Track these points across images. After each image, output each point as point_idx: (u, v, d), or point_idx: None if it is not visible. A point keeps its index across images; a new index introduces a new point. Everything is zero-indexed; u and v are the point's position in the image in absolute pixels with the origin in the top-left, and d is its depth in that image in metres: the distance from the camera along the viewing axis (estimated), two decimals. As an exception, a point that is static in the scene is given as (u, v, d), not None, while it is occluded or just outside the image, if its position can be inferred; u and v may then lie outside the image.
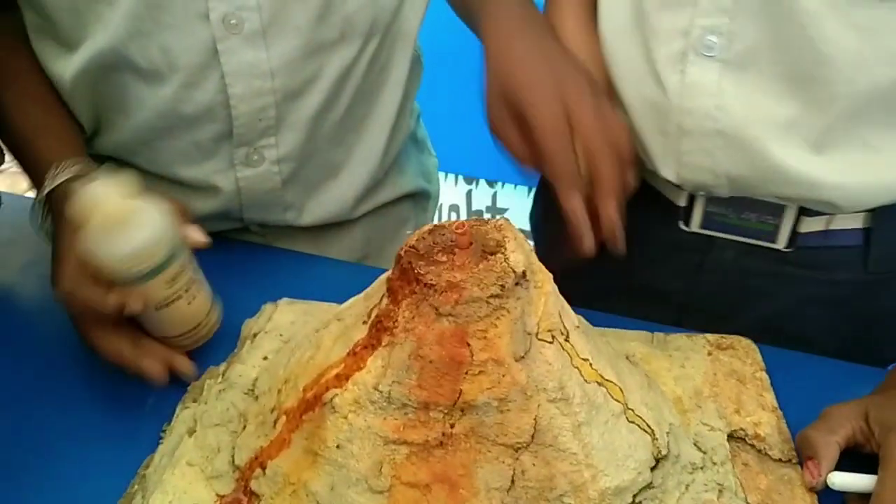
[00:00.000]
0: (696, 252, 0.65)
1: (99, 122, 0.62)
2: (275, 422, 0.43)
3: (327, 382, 0.41)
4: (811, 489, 0.45)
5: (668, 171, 0.60)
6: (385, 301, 0.40)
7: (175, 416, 0.49)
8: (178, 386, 0.51)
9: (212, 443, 0.46)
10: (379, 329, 0.40)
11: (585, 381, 0.41)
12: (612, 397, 0.43)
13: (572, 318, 0.43)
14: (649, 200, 0.65)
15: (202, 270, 0.53)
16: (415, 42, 0.68)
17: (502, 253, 0.38)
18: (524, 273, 0.39)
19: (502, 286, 0.38)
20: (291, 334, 0.54)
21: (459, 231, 0.39)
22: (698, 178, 0.59)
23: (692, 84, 0.55)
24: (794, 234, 0.60)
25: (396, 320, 0.39)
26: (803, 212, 0.59)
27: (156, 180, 0.63)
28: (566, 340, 0.42)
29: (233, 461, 0.44)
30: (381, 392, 0.39)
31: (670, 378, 0.52)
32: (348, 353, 0.41)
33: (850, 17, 0.49)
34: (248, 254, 0.66)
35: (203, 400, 0.49)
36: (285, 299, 0.59)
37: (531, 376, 0.39)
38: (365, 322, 0.42)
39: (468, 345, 0.38)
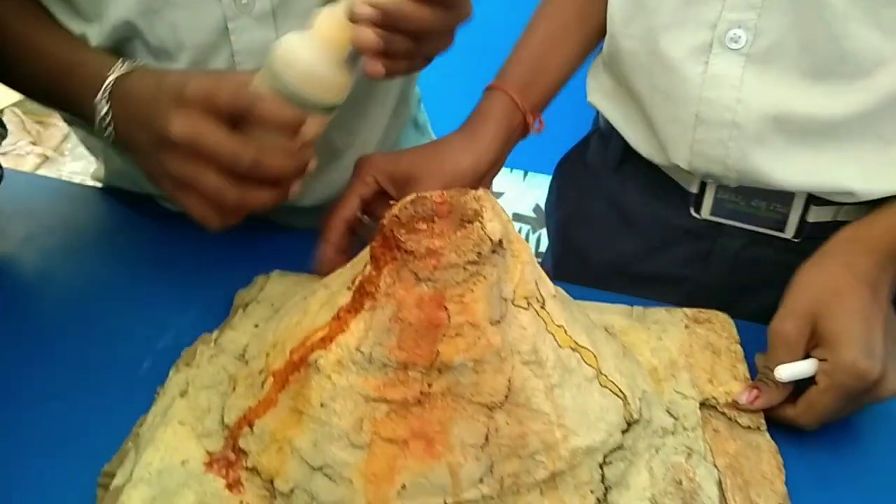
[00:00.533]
0: (706, 239, 0.67)
1: None
2: (262, 383, 0.45)
3: (313, 345, 0.43)
4: (738, 407, 0.49)
5: (679, 158, 0.62)
6: (368, 268, 0.42)
7: (168, 379, 0.51)
8: (171, 351, 0.53)
9: (203, 403, 0.48)
10: (362, 294, 0.42)
11: (559, 346, 0.43)
12: (586, 362, 0.44)
13: (549, 288, 0.45)
14: (662, 186, 0.67)
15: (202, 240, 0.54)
16: None
17: (479, 221, 0.40)
18: (500, 241, 0.40)
19: (479, 253, 0.39)
20: (282, 304, 0.56)
21: (439, 200, 0.41)
22: (709, 166, 0.60)
23: (714, 75, 0.57)
24: (803, 223, 0.61)
25: (378, 285, 0.41)
26: (812, 201, 0.60)
27: None
28: (542, 308, 0.43)
29: (222, 420, 0.46)
30: (362, 353, 0.40)
31: (647, 349, 0.54)
32: (333, 318, 0.43)
33: (876, 15, 0.51)
34: (248, 229, 0.68)
35: (195, 364, 0.51)
36: (277, 271, 0.60)
37: (506, 339, 0.40)
38: (349, 288, 0.43)
39: (446, 308, 0.39)
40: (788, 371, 0.48)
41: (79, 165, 2.51)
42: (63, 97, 0.57)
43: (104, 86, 0.52)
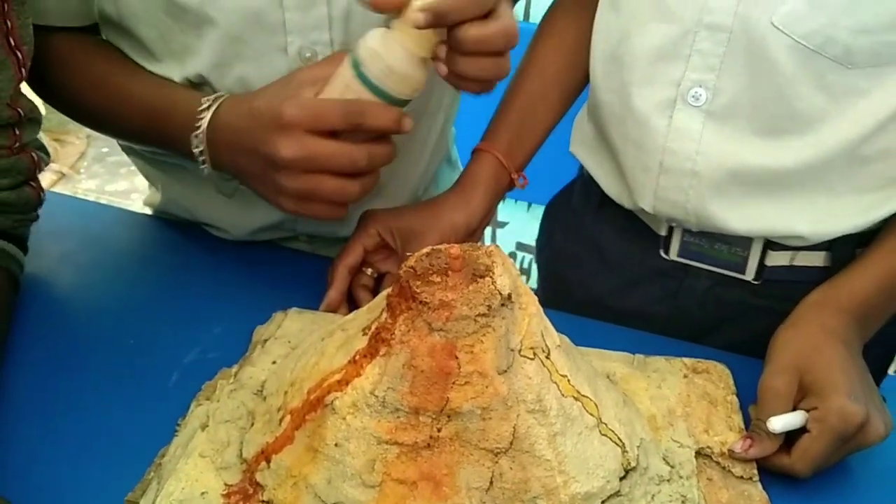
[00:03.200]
0: (674, 279, 0.72)
1: None
2: (280, 420, 0.48)
3: (329, 386, 0.45)
4: (732, 457, 0.51)
5: (645, 202, 0.67)
6: (384, 315, 0.45)
7: (189, 412, 0.53)
8: (197, 365, 0.57)
9: (222, 437, 0.50)
10: (377, 340, 0.44)
11: (563, 395, 0.46)
12: (587, 411, 0.47)
13: (554, 338, 0.48)
14: (636, 229, 0.71)
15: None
16: None
17: (490, 276, 0.43)
18: (510, 295, 0.43)
19: (489, 306, 0.42)
20: (298, 341, 0.59)
21: (453, 255, 0.43)
22: (671, 211, 0.65)
23: (677, 128, 0.61)
24: (762, 267, 0.65)
25: (393, 333, 0.43)
26: (769, 245, 0.64)
27: (226, 188, 0.69)
28: (547, 357, 0.46)
29: (241, 454, 0.48)
30: (376, 397, 0.43)
31: (646, 397, 0.56)
32: (349, 361, 0.45)
33: (822, 79, 0.55)
34: (274, 257, 0.73)
35: (216, 398, 0.53)
36: (294, 309, 0.63)
37: (512, 388, 0.43)
38: (365, 333, 0.46)
39: (456, 357, 0.42)
40: (781, 422, 0.51)
41: (93, 183, 2.56)
42: (158, 138, 0.62)
43: (197, 126, 0.57)
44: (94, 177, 2.59)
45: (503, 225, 1.67)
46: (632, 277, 0.74)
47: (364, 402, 0.43)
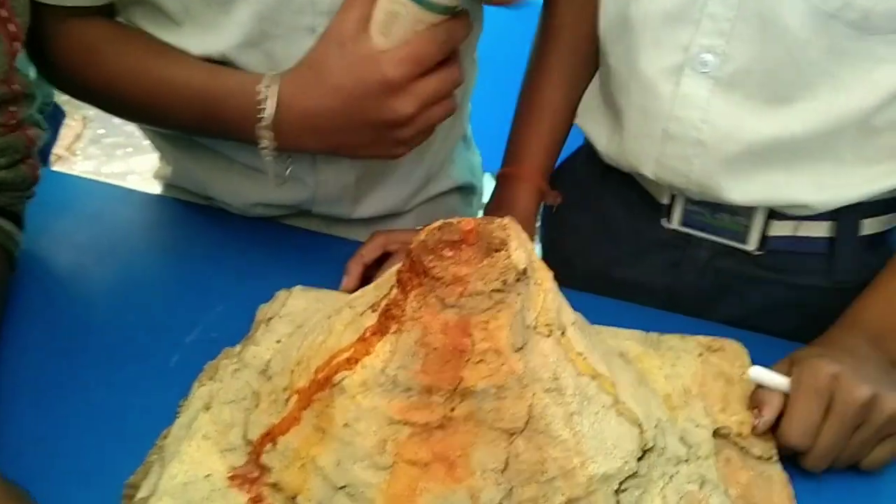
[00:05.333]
0: (675, 249, 0.71)
1: None
2: (286, 400, 0.46)
3: (338, 365, 0.44)
4: (756, 432, 0.50)
5: (646, 169, 0.65)
6: (395, 291, 0.43)
7: (191, 392, 0.52)
8: (198, 345, 0.56)
9: (226, 418, 0.48)
10: (388, 317, 0.43)
11: (579, 373, 0.44)
12: (604, 390, 0.45)
13: (570, 315, 0.46)
14: (639, 198, 0.69)
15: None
16: (475, 48, 0.73)
17: (505, 250, 0.41)
18: (525, 270, 0.41)
19: (504, 281, 0.40)
20: (304, 319, 0.57)
21: (466, 228, 0.42)
22: (674, 179, 0.64)
23: (684, 95, 0.60)
24: (764, 237, 0.64)
25: (404, 309, 0.42)
26: (772, 215, 0.63)
27: (246, 168, 0.67)
28: (563, 335, 0.44)
29: (245, 436, 0.47)
30: (387, 375, 0.41)
31: (661, 376, 0.54)
32: (358, 339, 0.44)
33: (837, 46, 0.53)
34: (281, 234, 0.71)
35: (219, 378, 0.52)
36: (299, 286, 0.61)
37: (528, 367, 0.41)
38: (375, 310, 0.44)
39: (470, 335, 0.40)
40: (760, 371, 0.51)
41: (90, 165, 2.53)
42: (211, 127, 0.60)
43: (260, 117, 0.55)
44: (90, 158, 2.56)
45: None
46: (634, 247, 0.73)
47: (374, 381, 0.42)
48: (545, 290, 0.44)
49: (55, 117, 1.03)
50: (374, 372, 0.42)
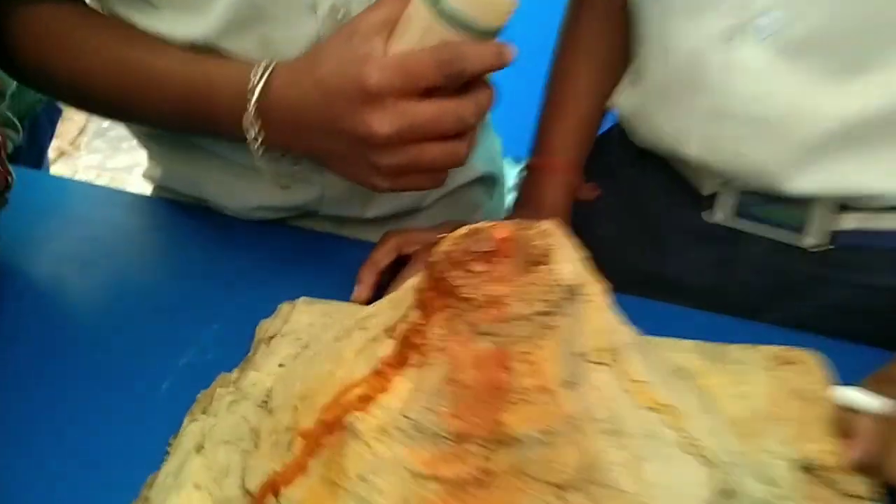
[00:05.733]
0: (722, 245, 0.62)
1: None
2: (290, 443, 0.39)
3: (348, 403, 0.36)
4: (850, 466, 0.41)
5: (689, 150, 0.57)
6: (414, 313, 0.36)
7: (182, 428, 0.45)
8: (194, 370, 0.49)
9: (221, 462, 0.41)
10: (407, 346, 0.35)
11: (640, 407, 0.36)
12: (670, 425, 0.38)
13: (625, 334, 0.39)
14: (680, 185, 0.61)
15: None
16: None
17: (549, 263, 0.33)
18: (574, 286, 0.34)
19: (549, 301, 0.33)
20: (309, 338, 0.50)
21: (501, 236, 0.34)
22: (720, 164, 0.55)
23: (737, 66, 0.52)
24: (828, 231, 0.56)
25: (427, 337, 0.34)
26: (837, 206, 0.55)
27: (244, 169, 0.60)
28: (618, 361, 0.37)
29: (243, 485, 0.40)
30: (409, 419, 0.34)
31: (727, 397, 0.47)
32: (372, 371, 0.37)
33: None
34: (311, 243, 0.64)
35: (213, 412, 0.45)
36: (304, 298, 0.54)
37: (580, 404, 0.34)
38: (391, 335, 0.37)
39: (509, 369, 0.33)
40: (849, 393, 0.43)
41: (94, 159, 2.48)
42: (197, 123, 0.52)
43: (249, 108, 0.47)
44: (96, 152, 2.50)
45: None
46: (674, 241, 0.64)
47: (393, 426, 0.34)
48: (597, 308, 0.36)
49: (49, 114, 0.97)
50: (393, 414, 0.34)
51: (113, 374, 0.50)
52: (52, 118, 0.98)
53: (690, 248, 0.64)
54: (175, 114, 0.51)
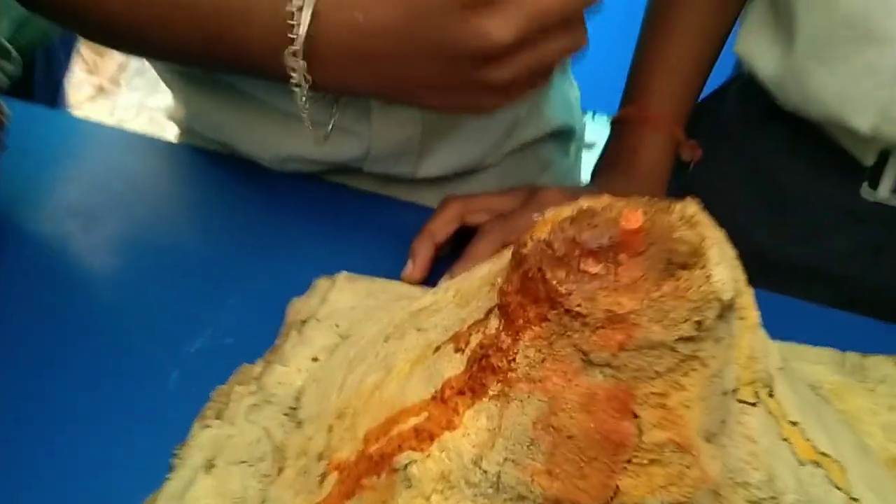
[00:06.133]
0: (880, 227, 0.52)
1: None
2: (322, 477, 0.30)
3: (401, 436, 0.27)
4: None
5: (861, 119, 0.47)
6: (494, 324, 0.26)
7: (191, 435, 0.36)
8: (208, 358, 0.40)
9: (234, 488, 0.33)
10: (484, 368, 0.26)
11: (799, 462, 0.26)
12: (832, 482, 0.28)
13: (776, 357, 0.28)
14: (824, 155, 0.50)
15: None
16: None
17: (701, 267, 0.23)
18: (732, 302, 0.23)
19: (699, 323, 0.23)
20: (350, 325, 0.40)
21: (630, 226, 0.24)
22: None
23: None
24: None
25: (514, 361, 0.25)
26: None
27: (276, 112, 0.51)
28: (770, 396, 0.27)
29: (262, 523, 0.31)
30: (484, 472, 0.25)
31: (876, 426, 0.37)
32: (434, 396, 0.27)
33: None
34: (352, 204, 0.54)
35: (229, 418, 0.36)
36: (344, 273, 0.45)
37: (728, 465, 0.24)
38: (459, 347, 0.27)
39: (635, 416, 0.23)
40: None
41: (134, 97, 2.41)
42: (229, 58, 0.42)
43: (297, 42, 0.38)
44: (136, 90, 2.43)
45: (590, 146, 1.42)
46: (810, 222, 0.54)
47: (461, 477, 0.25)
48: (751, 327, 0.26)
49: (65, 46, 0.87)
50: (462, 461, 0.25)
51: (111, 360, 0.41)
52: (68, 50, 0.89)
53: (829, 230, 0.54)
54: (201, 47, 0.42)
